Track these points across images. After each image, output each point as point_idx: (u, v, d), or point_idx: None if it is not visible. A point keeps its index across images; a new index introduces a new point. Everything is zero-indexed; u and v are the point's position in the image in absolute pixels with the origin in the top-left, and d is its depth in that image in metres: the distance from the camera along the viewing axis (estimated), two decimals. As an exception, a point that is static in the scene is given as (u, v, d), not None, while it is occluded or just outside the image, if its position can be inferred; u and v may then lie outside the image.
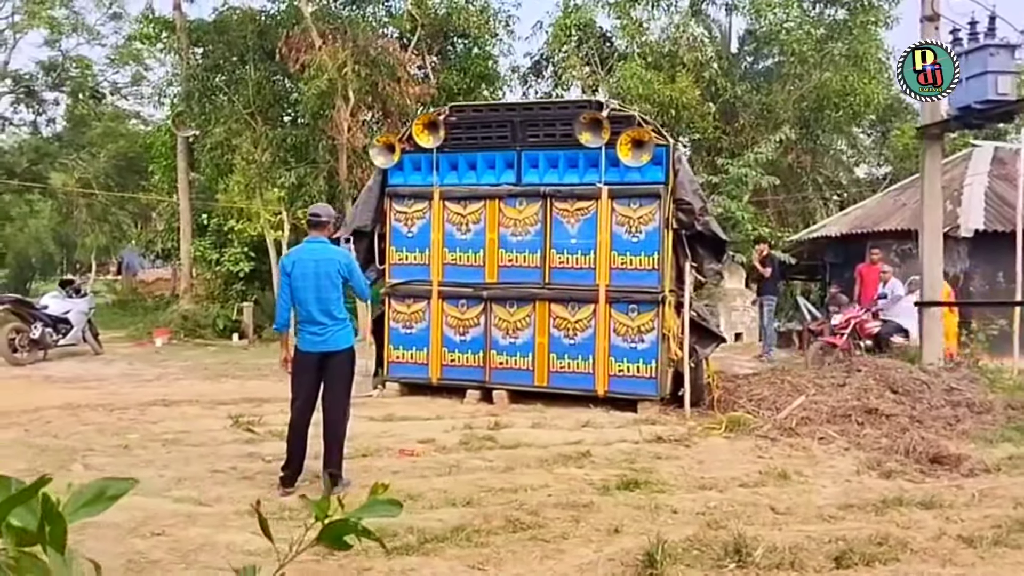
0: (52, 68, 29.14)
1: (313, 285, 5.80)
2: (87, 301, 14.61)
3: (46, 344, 13.38)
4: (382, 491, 1.59)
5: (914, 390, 8.85)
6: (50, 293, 14.88)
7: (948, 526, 5.06)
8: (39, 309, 13.59)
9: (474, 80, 21.97)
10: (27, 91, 29.81)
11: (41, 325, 13.25)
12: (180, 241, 21.72)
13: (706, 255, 9.41)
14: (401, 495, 5.51)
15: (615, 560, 4.34)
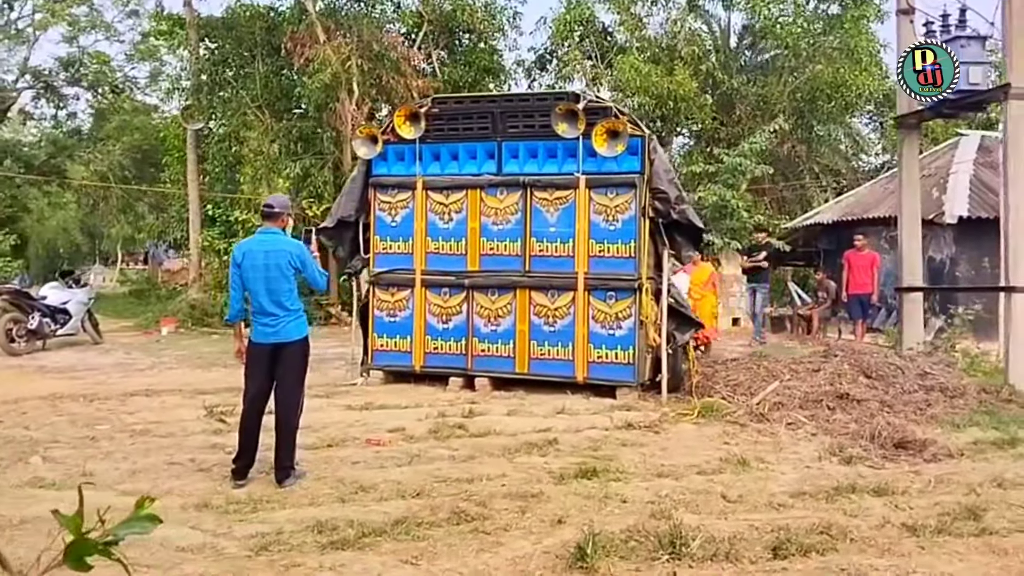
0: (70, 64, 29.18)
1: (263, 276, 5.65)
2: (86, 292, 14.59)
3: (44, 334, 13.34)
4: (148, 504, 1.48)
5: (888, 375, 8.69)
6: (49, 284, 14.84)
7: (895, 514, 4.92)
8: (37, 300, 13.55)
9: (479, 74, 21.88)
10: (46, 86, 29.90)
11: (39, 315, 13.21)
12: (189, 231, 21.74)
13: (684, 243, 9.27)
14: (353, 487, 5.49)
15: (550, 553, 4.22)
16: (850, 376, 8.63)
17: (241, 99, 19.71)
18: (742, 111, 21.18)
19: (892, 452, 6.56)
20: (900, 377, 8.70)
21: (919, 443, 6.70)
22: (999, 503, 5.14)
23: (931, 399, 8.22)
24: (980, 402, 8.30)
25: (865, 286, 13.44)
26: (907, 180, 10.61)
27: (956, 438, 7.03)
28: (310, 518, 4.78)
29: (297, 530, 4.60)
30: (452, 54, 22.42)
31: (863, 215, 16.18)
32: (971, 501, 5.16)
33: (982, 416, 7.77)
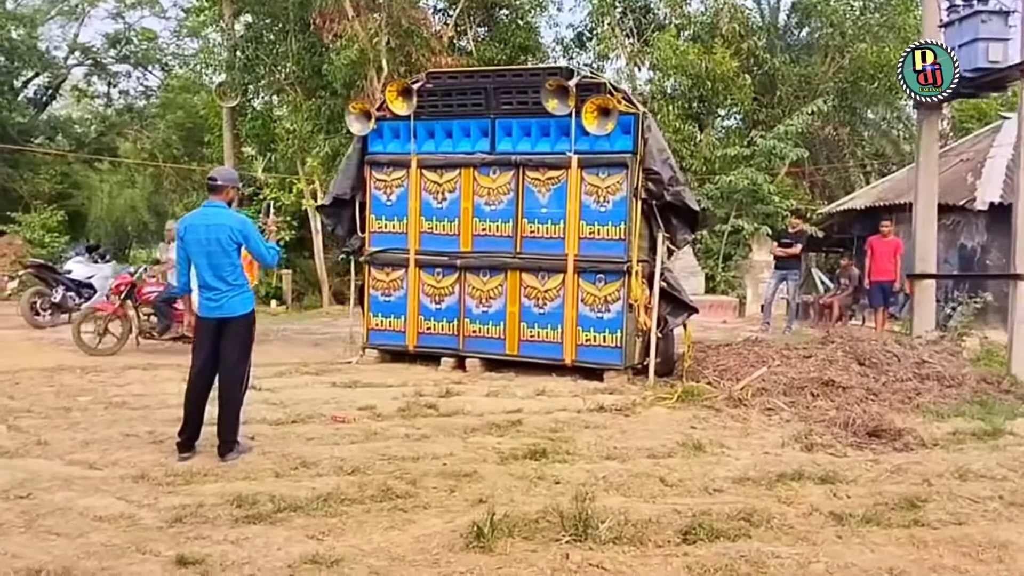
0: (117, 40, 29.88)
1: (205, 251, 5.67)
2: (111, 267, 15.00)
3: (67, 308, 13.71)
4: None
5: (882, 363, 8.52)
6: (75, 258, 15.28)
7: (829, 503, 4.86)
8: (62, 274, 13.97)
9: (515, 51, 21.77)
10: (95, 63, 30.67)
11: (62, 289, 13.62)
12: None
13: (680, 225, 9.18)
14: (296, 462, 5.59)
15: (457, 532, 4.25)
16: (842, 363, 8.49)
17: (274, 76, 19.99)
18: (783, 92, 20.75)
19: (862, 440, 6.46)
20: (895, 365, 8.53)
21: (894, 432, 6.58)
22: (947, 495, 5.03)
23: (923, 388, 8.06)
24: (976, 392, 8.10)
25: (888, 273, 13.10)
26: (924, 164, 10.32)
27: (936, 428, 6.90)
28: (236, 492, 4.86)
29: (218, 503, 4.69)
30: (494, 30, 22.38)
31: (895, 201, 15.78)
32: (918, 491, 5.06)
33: (972, 406, 7.58)
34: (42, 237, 23.27)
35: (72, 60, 31.04)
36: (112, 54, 30.60)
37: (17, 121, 28.55)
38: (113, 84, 32.47)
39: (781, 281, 14.19)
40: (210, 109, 25.41)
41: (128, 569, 3.83)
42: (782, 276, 14.14)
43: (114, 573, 3.79)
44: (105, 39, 30.28)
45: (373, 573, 3.83)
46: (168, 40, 31.43)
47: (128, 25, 30.07)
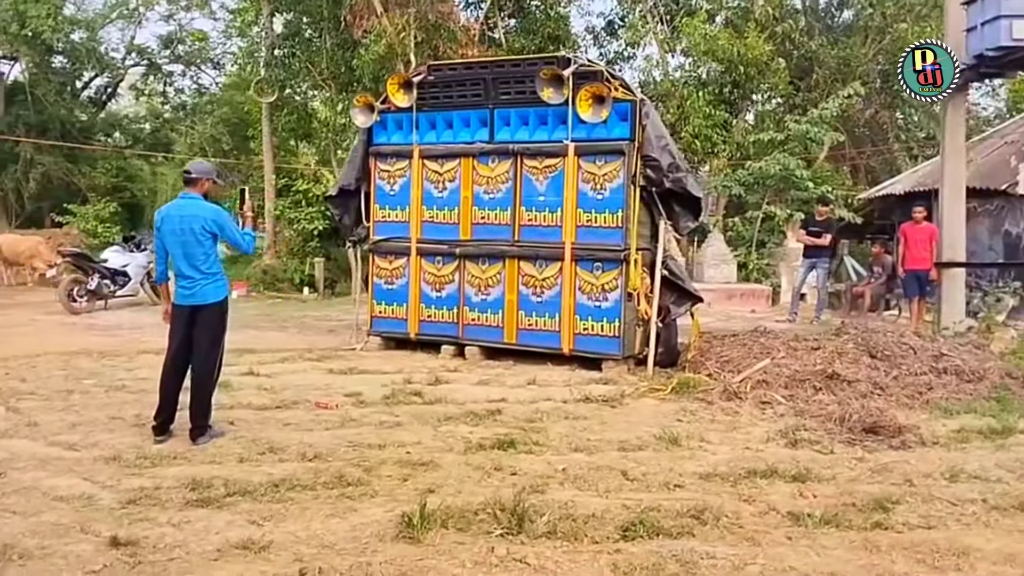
0: (170, 41, 30.31)
1: (180, 241, 5.74)
2: (146, 255, 15.16)
3: (103, 294, 13.98)
4: None
5: (896, 356, 8.07)
6: (111, 247, 15.52)
7: (791, 501, 4.55)
8: (98, 262, 14.22)
9: (544, 41, 21.43)
10: (150, 63, 31.16)
11: (98, 277, 13.86)
12: (265, 201, 22.32)
13: (683, 213, 8.86)
14: (264, 447, 5.51)
15: (393, 522, 4.09)
16: (851, 356, 8.07)
17: (309, 72, 20.01)
18: (820, 75, 20.07)
19: (857, 437, 6.10)
20: (910, 358, 8.08)
21: (892, 429, 6.21)
22: (925, 496, 4.68)
23: (937, 383, 7.63)
24: (996, 388, 7.62)
25: (923, 261, 12.45)
26: (951, 146, 9.82)
27: (941, 425, 6.50)
28: (195, 475, 4.81)
29: (174, 486, 4.65)
30: (521, 21, 22.09)
31: (934, 186, 15.05)
32: (894, 492, 4.73)
33: (987, 403, 7.14)
34: (95, 228, 23.74)
35: (129, 61, 31.57)
36: (165, 55, 31.01)
37: (78, 119, 29.23)
38: (169, 83, 32.92)
39: (810, 270, 13.68)
40: (253, 105, 25.65)
41: (64, 548, 3.81)
42: (811, 265, 13.62)
43: (50, 552, 3.78)
44: (159, 40, 30.74)
45: (297, 560, 3.71)
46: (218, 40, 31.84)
47: (180, 26, 30.45)
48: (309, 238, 21.34)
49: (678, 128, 19.13)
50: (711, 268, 17.87)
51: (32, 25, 22.71)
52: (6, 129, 25.88)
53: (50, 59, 27.83)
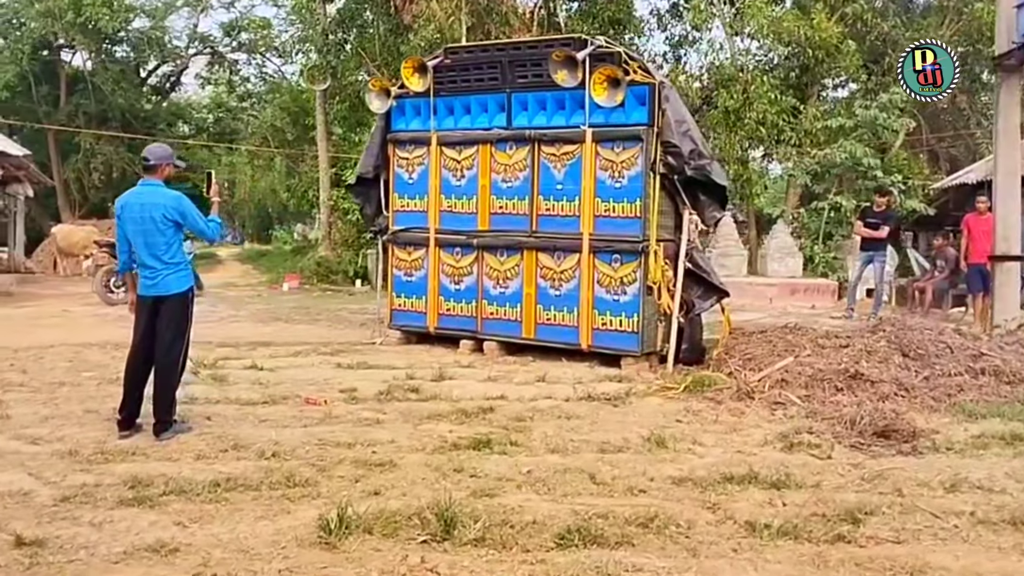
0: (232, 29, 31.05)
1: (140, 229, 5.70)
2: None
3: (140, 285, 14.33)
4: None
5: (930, 354, 7.72)
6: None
7: (757, 510, 4.35)
8: (136, 253, 14.56)
9: (606, 26, 21.18)
10: (213, 52, 32.01)
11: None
12: (320, 191, 22.66)
13: (708, 202, 8.62)
14: (228, 444, 5.53)
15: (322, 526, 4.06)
16: (882, 354, 7.74)
17: (361, 59, 20.22)
18: (894, 59, 19.25)
19: (865, 441, 5.82)
20: (945, 358, 7.71)
21: (906, 433, 5.92)
22: (907, 507, 4.43)
23: (971, 384, 7.27)
24: (1035, 390, 7.22)
25: (987, 255, 11.93)
26: (1004, 131, 9.33)
27: (963, 429, 6.17)
28: (141, 472, 4.83)
29: (115, 483, 4.66)
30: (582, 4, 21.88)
31: (1009, 174, 14.35)
32: (876, 502, 4.49)
33: (1020, 406, 6.75)
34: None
35: (192, 49, 32.48)
36: (228, 43, 31.78)
37: (141, 109, 30.21)
38: (235, 71, 33.74)
39: (867, 264, 13.20)
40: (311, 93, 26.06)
41: (-30, 547, 3.84)
42: (868, 259, 13.15)
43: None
44: (221, 28, 31.57)
45: (203, 565, 3.67)
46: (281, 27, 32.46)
47: (241, 14, 31.19)
48: (363, 229, 21.56)
49: (742, 114, 18.70)
50: (775, 262, 17.46)
51: (88, 13, 23.38)
52: (66, 119, 26.87)
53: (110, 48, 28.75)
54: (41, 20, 24.85)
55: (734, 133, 18.60)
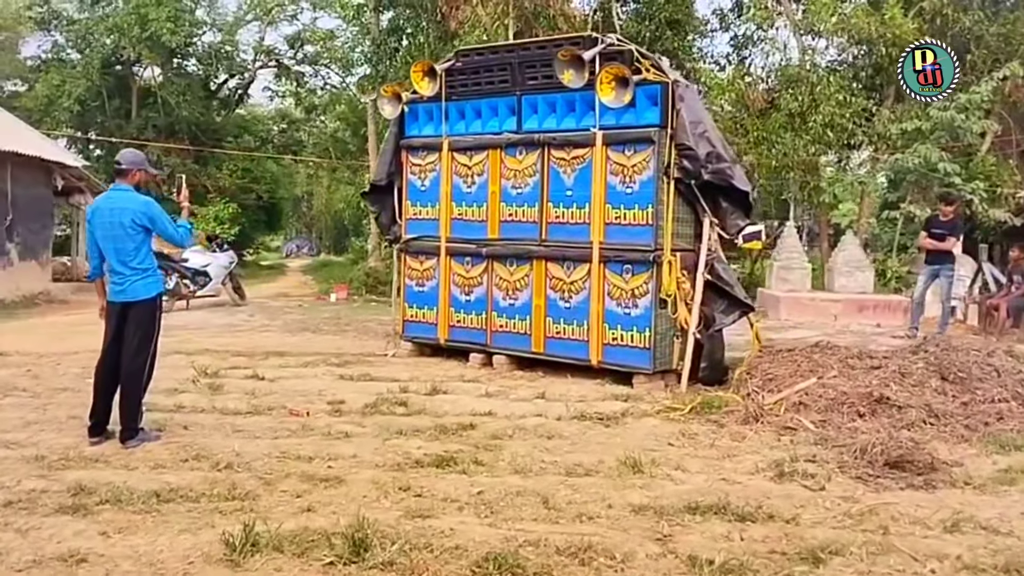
0: (295, 41, 31.65)
1: (110, 235, 5.80)
2: (228, 256, 15.81)
3: (181, 294, 14.63)
4: None
5: (973, 378, 7.21)
6: (192, 248, 16.15)
7: (709, 543, 4.06)
8: (178, 262, 14.86)
9: (660, 27, 20.82)
10: (278, 64, 32.68)
11: (176, 277, 14.51)
12: (371, 201, 22.76)
13: (731, 209, 8.27)
14: (190, 454, 5.55)
15: (237, 542, 3.93)
16: (917, 377, 7.28)
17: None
18: (977, 55, 18.38)
19: (876, 472, 5.43)
20: (990, 382, 7.20)
21: (921, 464, 5.50)
22: (884, 548, 4.08)
23: (1016, 411, 6.77)
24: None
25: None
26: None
27: (992, 462, 5.74)
28: (87, 480, 4.84)
29: (60, 490, 4.70)
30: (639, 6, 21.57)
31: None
32: (849, 540, 4.13)
33: (1066, 438, 6.22)
34: (214, 228, 25.04)
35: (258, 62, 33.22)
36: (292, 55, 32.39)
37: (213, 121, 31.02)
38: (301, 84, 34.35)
39: (933, 278, 12.50)
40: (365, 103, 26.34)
41: None
42: (933, 273, 12.44)
43: None
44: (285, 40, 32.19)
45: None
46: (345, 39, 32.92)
47: (304, 26, 31.71)
48: (413, 240, 21.61)
49: (807, 117, 18.07)
50: (843, 276, 16.76)
51: (152, 28, 24.14)
52: (136, 132, 27.77)
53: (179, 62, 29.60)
54: (110, 35, 25.76)
55: (799, 137, 17.95)
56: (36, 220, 16.70)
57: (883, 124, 18.12)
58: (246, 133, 33.57)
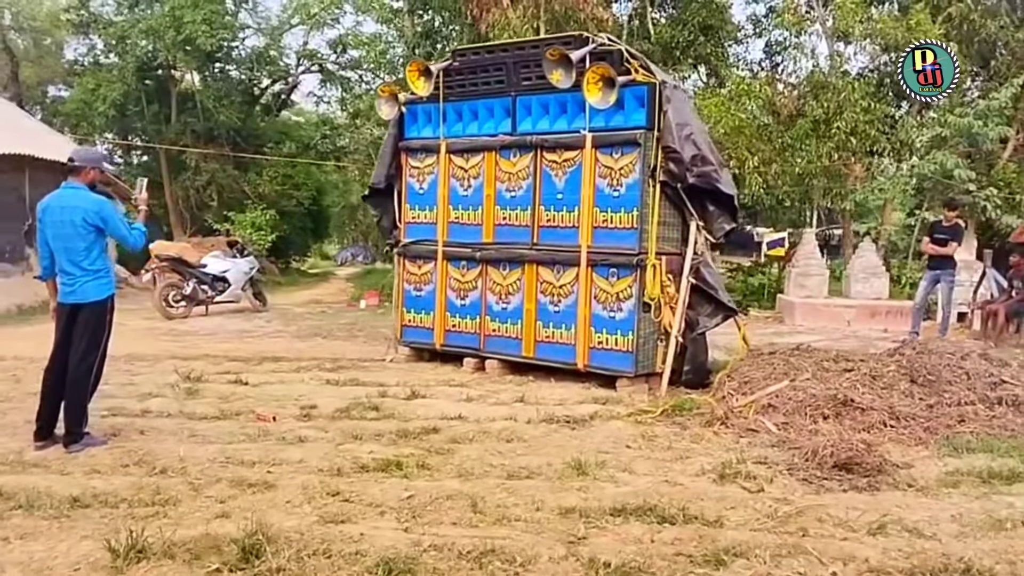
0: (337, 45, 31.88)
1: (60, 234, 5.68)
2: (248, 262, 15.86)
3: (199, 300, 14.70)
4: None
5: (942, 381, 7.02)
6: (211, 253, 16.29)
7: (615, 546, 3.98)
8: (195, 267, 14.97)
9: (694, 32, 20.64)
10: (320, 68, 32.95)
11: (194, 282, 14.62)
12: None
13: (718, 213, 8.16)
14: (135, 458, 5.51)
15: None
16: (887, 380, 7.13)
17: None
18: (1001, 62, 17.90)
19: (825, 474, 5.34)
20: (959, 385, 7.01)
21: (868, 466, 5.40)
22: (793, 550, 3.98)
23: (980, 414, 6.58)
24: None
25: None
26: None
27: (941, 465, 5.61)
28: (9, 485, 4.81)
29: (-18, 495, 4.70)
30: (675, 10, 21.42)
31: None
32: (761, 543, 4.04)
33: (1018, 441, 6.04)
34: (251, 234, 25.25)
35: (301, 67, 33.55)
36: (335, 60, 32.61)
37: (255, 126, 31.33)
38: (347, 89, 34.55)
39: (934, 283, 12.29)
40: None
41: None
42: (935, 278, 12.22)
43: None
44: (328, 45, 32.42)
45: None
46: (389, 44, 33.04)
47: (348, 30, 31.88)
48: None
49: (831, 122, 17.75)
50: (859, 282, 16.46)
51: (187, 31, 24.25)
52: (175, 137, 28.04)
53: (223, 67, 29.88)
54: (146, 38, 25.87)
55: (822, 144, 17.65)
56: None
57: (906, 131, 17.76)
58: (287, 139, 33.85)
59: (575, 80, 7.88)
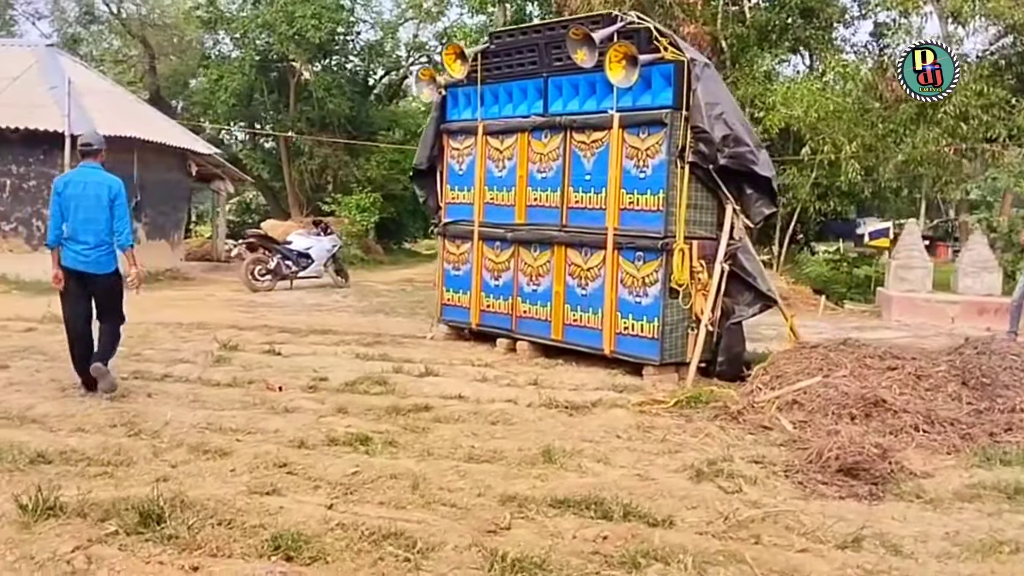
0: (443, 37, 32.07)
1: (83, 205, 6.03)
2: (331, 239, 16.16)
3: (283, 275, 15.09)
4: None
5: (998, 384, 6.32)
6: (296, 231, 16.68)
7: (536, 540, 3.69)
8: (281, 244, 15.40)
9: (792, 14, 19.67)
10: (428, 60, 33.26)
11: (278, 258, 15.02)
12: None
13: (756, 196, 7.67)
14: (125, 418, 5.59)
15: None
16: (934, 381, 6.46)
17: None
18: None
19: (825, 478, 4.86)
20: (1018, 389, 6.29)
21: (877, 473, 4.89)
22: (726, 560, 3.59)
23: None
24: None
25: None
26: None
27: (965, 476, 5.02)
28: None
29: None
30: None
31: None
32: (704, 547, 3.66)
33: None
34: (355, 216, 25.88)
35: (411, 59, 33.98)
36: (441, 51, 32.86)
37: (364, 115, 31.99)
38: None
39: None
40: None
41: None
42: None
43: None
44: (435, 37, 32.70)
45: None
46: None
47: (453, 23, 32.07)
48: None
49: (938, 107, 16.56)
50: (968, 277, 15.28)
51: (298, 25, 25.07)
52: (291, 123, 29.00)
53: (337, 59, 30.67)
54: (263, 32, 26.96)
55: (929, 129, 16.50)
56: (166, 203, 17.61)
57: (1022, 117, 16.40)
58: (396, 126, 34.37)
59: (599, 59, 7.50)
